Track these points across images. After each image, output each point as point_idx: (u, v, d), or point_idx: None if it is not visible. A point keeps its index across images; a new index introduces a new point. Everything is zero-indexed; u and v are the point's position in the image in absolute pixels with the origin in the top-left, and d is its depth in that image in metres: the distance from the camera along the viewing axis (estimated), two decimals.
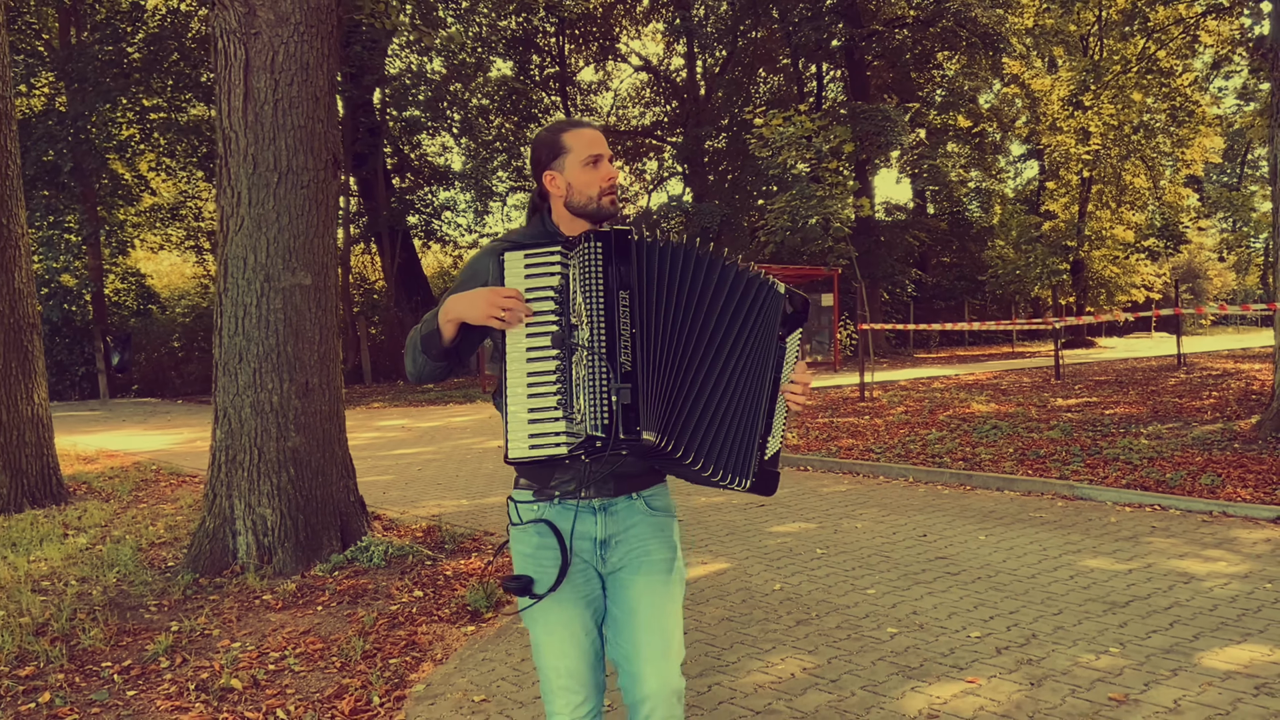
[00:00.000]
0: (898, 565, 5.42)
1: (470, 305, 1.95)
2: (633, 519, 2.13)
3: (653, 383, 1.92)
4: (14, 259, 8.12)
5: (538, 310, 1.93)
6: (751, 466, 2.03)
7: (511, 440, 1.91)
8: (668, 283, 1.96)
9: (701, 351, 1.99)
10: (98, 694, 3.93)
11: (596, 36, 33.73)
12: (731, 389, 2.01)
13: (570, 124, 2.18)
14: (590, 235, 1.93)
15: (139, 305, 26.32)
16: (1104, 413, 11.25)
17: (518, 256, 1.97)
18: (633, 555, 2.13)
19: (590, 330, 1.88)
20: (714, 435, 1.99)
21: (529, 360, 1.92)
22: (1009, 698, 3.50)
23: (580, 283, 1.91)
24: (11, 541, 6.77)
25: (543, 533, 2.09)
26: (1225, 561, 5.22)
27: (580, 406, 1.87)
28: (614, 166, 2.16)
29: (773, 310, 2.05)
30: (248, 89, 5.96)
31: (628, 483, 2.12)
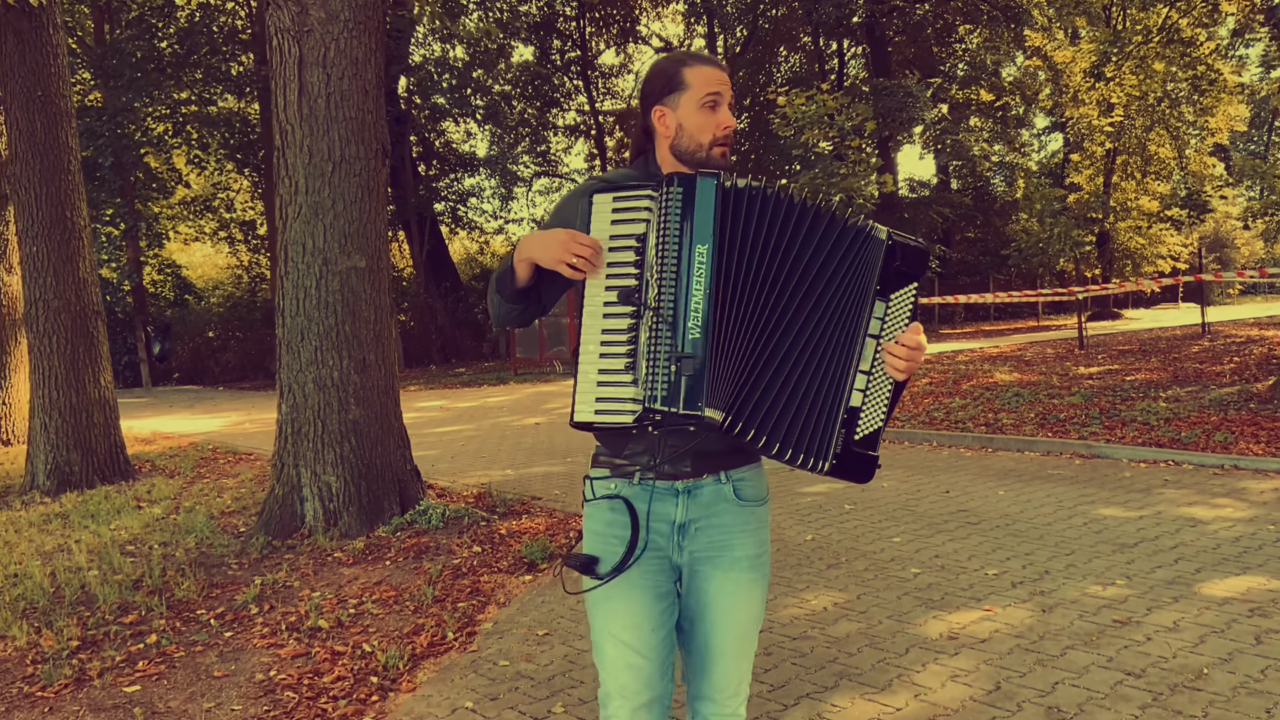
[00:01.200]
0: (921, 517, 5.79)
1: (544, 246, 1.78)
2: (718, 505, 1.92)
3: (724, 351, 1.71)
4: (78, 249, 8.60)
5: (620, 260, 1.75)
6: (831, 447, 1.76)
7: (579, 402, 1.75)
8: (754, 236, 1.73)
9: (782, 314, 1.76)
10: (199, 635, 4.38)
11: (617, 19, 33.95)
12: (810, 355, 1.76)
13: (692, 56, 1.93)
14: (673, 178, 1.72)
15: (175, 296, 27.00)
16: (1125, 379, 11.51)
17: (607, 199, 1.78)
18: (714, 548, 1.93)
19: (660, 289, 1.71)
20: (785, 410, 1.75)
21: (605, 316, 1.75)
22: (1022, 622, 3.87)
23: (659, 233, 1.72)
24: (90, 513, 7.26)
25: (616, 509, 1.90)
26: (1232, 508, 5.55)
27: (645, 374, 1.71)
28: (732, 114, 1.93)
29: (866, 262, 1.75)
30: (302, 84, 6.36)
31: (710, 461, 1.90)
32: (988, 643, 3.70)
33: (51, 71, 8.54)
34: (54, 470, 8.31)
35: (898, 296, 1.76)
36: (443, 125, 30.89)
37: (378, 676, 3.79)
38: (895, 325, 1.76)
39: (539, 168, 33.47)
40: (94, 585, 5.13)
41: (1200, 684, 3.21)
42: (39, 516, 7.25)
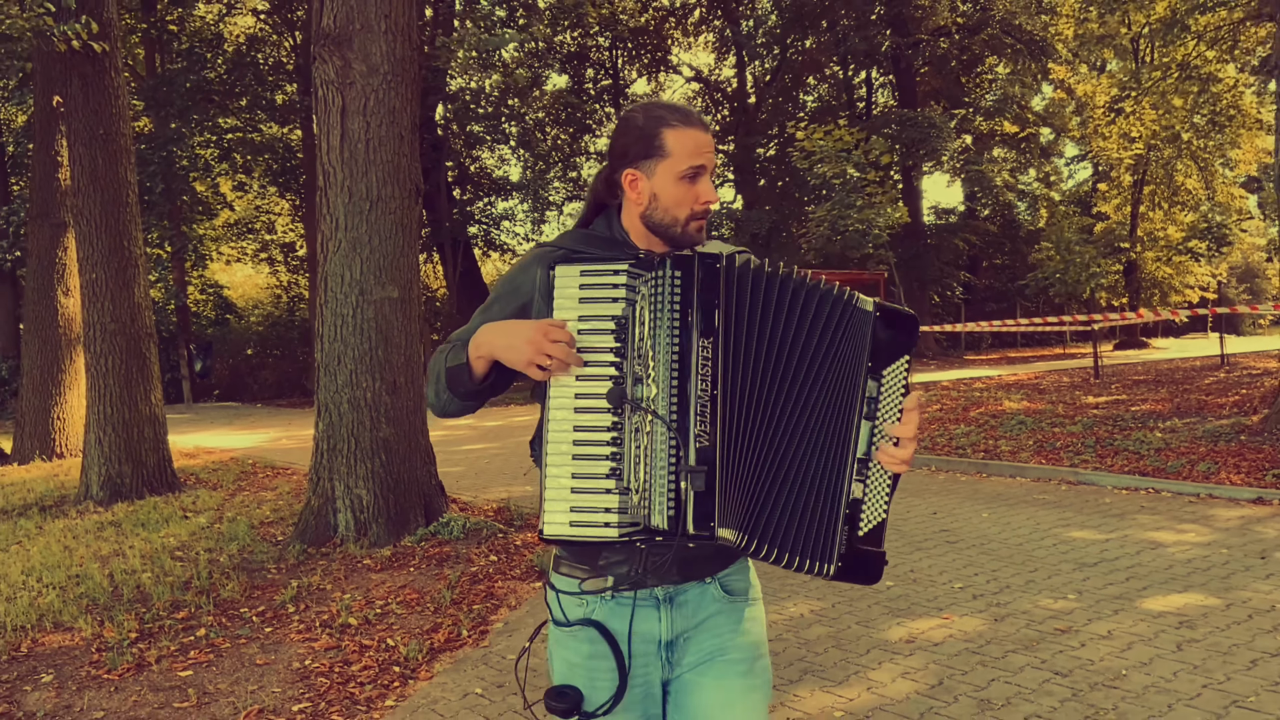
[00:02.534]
0: (905, 535, 6.23)
1: (508, 344, 1.57)
2: (706, 610, 1.72)
3: (735, 461, 1.53)
4: (134, 277, 9.27)
5: (594, 346, 1.54)
6: (835, 548, 1.58)
7: (548, 511, 1.53)
8: (758, 326, 1.56)
9: (786, 411, 1.58)
10: (242, 629, 4.92)
11: (649, 48, 34.70)
12: (804, 449, 1.58)
13: (675, 114, 1.69)
14: (669, 261, 1.54)
15: (217, 315, 27.92)
16: (1129, 409, 11.84)
17: (573, 273, 1.57)
18: (703, 654, 1.72)
19: (659, 389, 1.52)
20: (786, 513, 1.57)
21: (578, 411, 1.54)
22: (974, 629, 4.32)
23: (650, 322, 1.53)
24: (141, 521, 7.87)
25: (594, 639, 1.68)
26: (1195, 533, 5.94)
27: (639, 485, 1.51)
28: (713, 184, 1.71)
29: (854, 338, 1.59)
30: (344, 130, 6.96)
31: (698, 566, 1.71)
32: (940, 646, 4.15)
33: (112, 111, 9.25)
34: (107, 481, 8.94)
35: (890, 372, 1.60)
36: (478, 151, 31.72)
37: (400, 666, 4.31)
38: (890, 404, 1.60)
39: (570, 192, 34.19)
40: (148, 585, 5.70)
41: (1117, 683, 3.65)
42: (94, 524, 7.86)
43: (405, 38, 7.14)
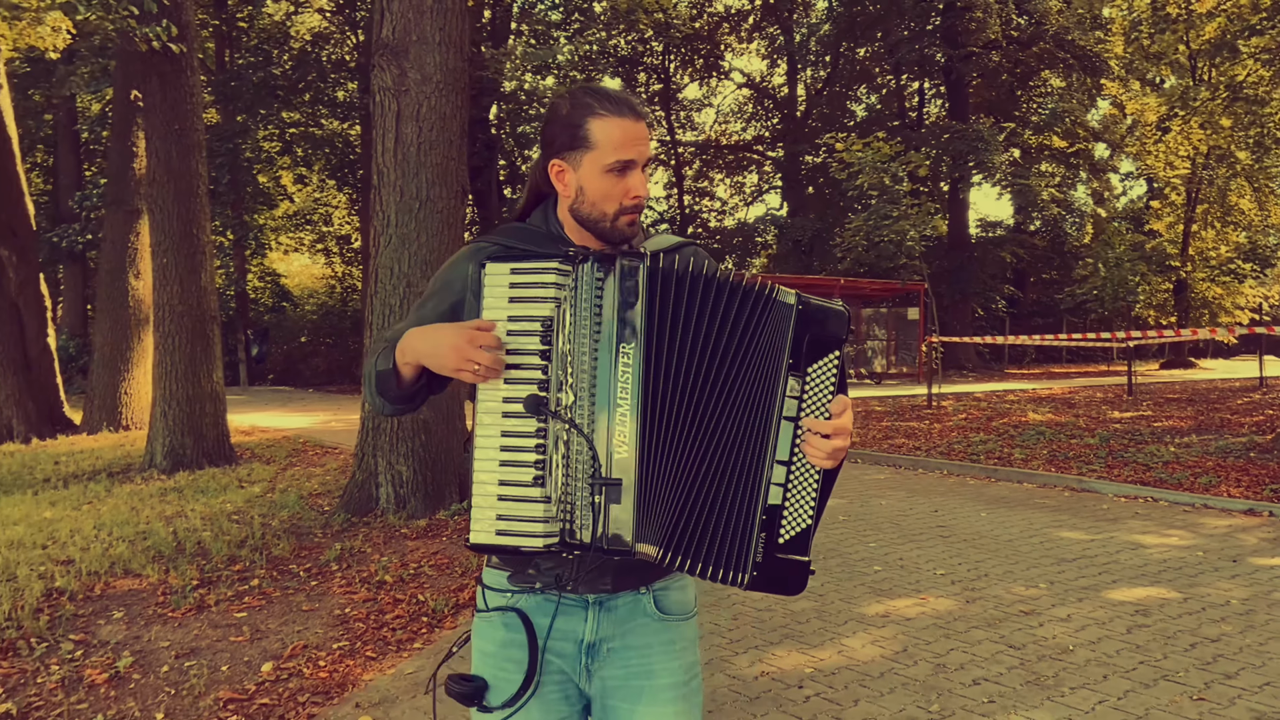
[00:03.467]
0: (902, 530, 6.64)
1: (434, 349, 1.52)
2: (634, 621, 1.66)
3: (656, 473, 1.48)
4: (201, 263, 9.95)
5: (522, 348, 1.50)
6: (750, 556, 1.50)
7: (476, 519, 1.51)
8: (681, 330, 1.49)
9: (707, 417, 1.51)
10: (291, 582, 5.49)
11: (702, 54, 35.18)
12: (722, 454, 1.51)
13: (604, 100, 1.60)
14: (591, 259, 1.49)
15: (274, 302, 28.89)
16: (1151, 425, 12.06)
17: (503, 271, 1.52)
18: (630, 675, 1.64)
19: (577, 396, 1.48)
20: (701, 521, 1.50)
21: (505, 416, 1.50)
22: (945, 608, 4.74)
23: (573, 325, 1.49)
24: (200, 489, 8.52)
25: (511, 625, 1.63)
26: (1178, 538, 6.28)
27: (559, 495, 1.47)
28: (645, 176, 1.64)
29: (773, 333, 1.51)
30: (398, 135, 7.53)
31: (632, 576, 1.65)
32: (911, 621, 4.58)
33: (187, 108, 9.94)
34: (170, 452, 9.63)
35: (816, 369, 1.51)
36: (529, 151, 32.42)
37: (428, 617, 4.83)
38: (816, 403, 1.51)
39: None
40: (208, 542, 6.30)
41: (1063, 657, 4.06)
42: (157, 490, 8.52)
43: (458, 49, 7.69)
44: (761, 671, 3.99)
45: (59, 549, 6.14)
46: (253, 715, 3.72)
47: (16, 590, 5.16)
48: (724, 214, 38.08)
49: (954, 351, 28.99)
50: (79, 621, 4.80)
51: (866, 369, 25.48)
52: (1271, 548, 5.97)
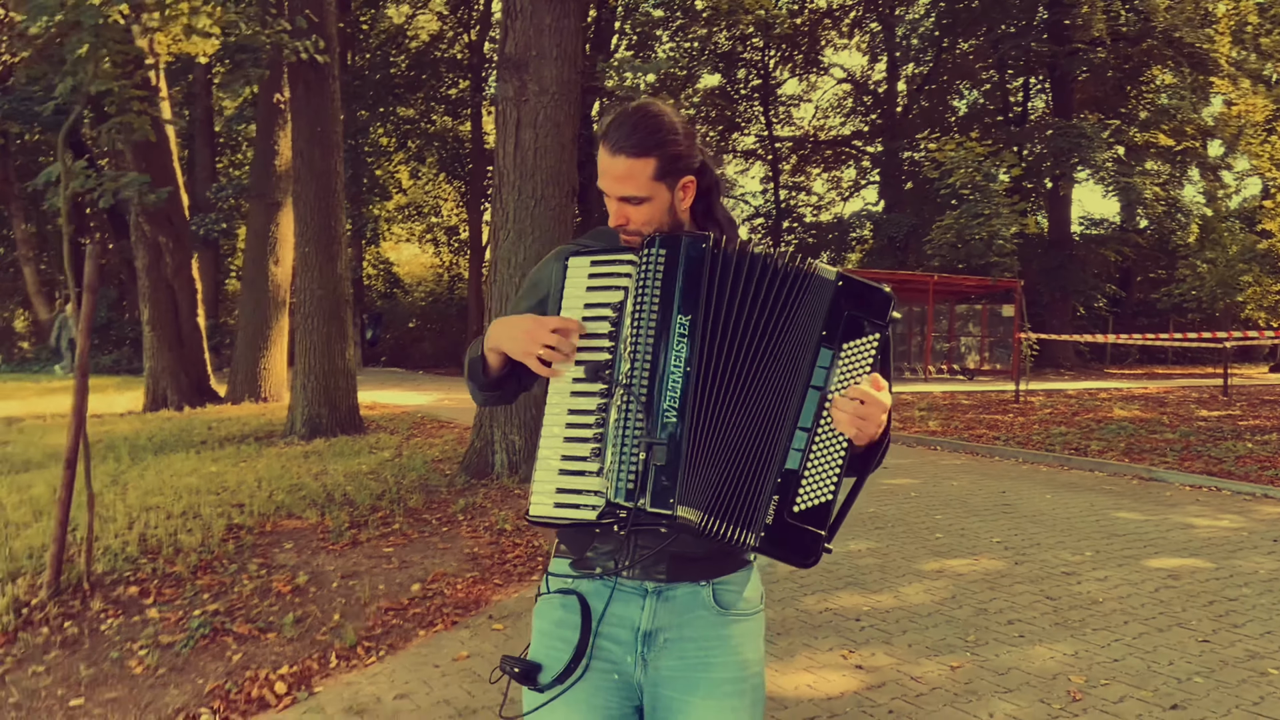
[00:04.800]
0: (968, 506, 7.24)
1: (510, 335, 1.62)
2: (694, 613, 1.65)
3: (702, 438, 1.52)
4: (337, 252, 11.06)
5: (594, 333, 1.59)
6: (759, 517, 1.53)
7: (536, 493, 1.56)
8: (730, 303, 1.56)
9: (751, 386, 1.56)
10: (425, 528, 6.42)
11: (802, 49, 35.49)
12: (754, 419, 1.55)
13: (607, 135, 1.65)
14: (657, 239, 1.58)
15: (386, 289, 30.48)
16: (1237, 423, 12.23)
17: (583, 264, 1.63)
18: (686, 667, 1.63)
19: (631, 363, 1.54)
20: (728, 481, 1.53)
21: (573, 394, 1.58)
22: (995, 568, 5.37)
23: (635, 300, 1.56)
24: (337, 452, 9.59)
25: (568, 606, 1.66)
26: (1229, 521, 6.73)
27: (609, 462, 1.52)
28: (628, 208, 1.65)
29: (811, 306, 1.56)
30: (517, 140, 8.41)
31: (690, 567, 1.65)
32: (963, 576, 5.23)
33: (329, 112, 11.05)
34: (308, 420, 10.76)
35: (852, 346, 1.54)
36: None
37: (542, 557, 5.68)
38: (849, 377, 1.54)
39: None
40: (352, 494, 7.30)
41: (1092, 607, 4.67)
42: (299, 453, 9.62)
43: (572, 63, 8.53)
44: (825, 608, 4.71)
45: (230, 495, 7.21)
46: (409, 620, 4.61)
47: (204, 525, 6.20)
48: (820, 209, 38.36)
49: (1051, 350, 28.80)
50: (258, 550, 5.80)
51: (960, 365, 25.62)
52: None
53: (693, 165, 1.67)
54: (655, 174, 1.62)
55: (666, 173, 1.64)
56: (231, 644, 4.25)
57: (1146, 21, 26.08)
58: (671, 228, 1.67)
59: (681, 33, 30.71)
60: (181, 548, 5.61)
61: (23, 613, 4.57)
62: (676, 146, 1.64)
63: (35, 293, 27.63)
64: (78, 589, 4.90)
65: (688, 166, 1.66)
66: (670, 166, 1.64)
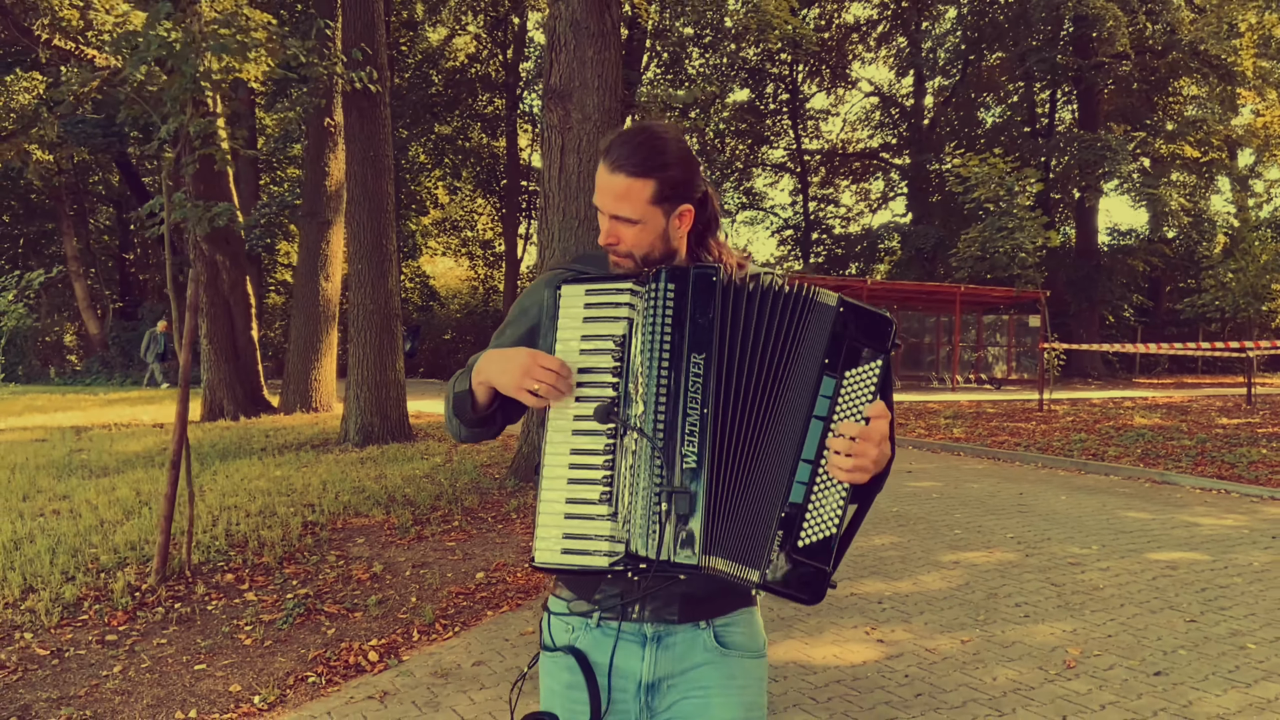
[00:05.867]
0: (986, 506, 7.71)
1: (501, 369, 1.56)
2: (694, 658, 1.64)
3: (723, 485, 1.48)
4: (388, 269, 11.70)
5: (595, 366, 1.52)
6: (765, 553, 1.48)
7: (541, 538, 1.51)
8: (743, 339, 1.51)
9: (765, 424, 1.52)
10: (481, 525, 7.00)
11: (829, 64, 36.00)
12: (766, 454, 1.51)
13: (608, 152, 1.61)
14: (664, 274, 1.52)
15: (423, 302, 31.23)
16: (1257, 430, 12.57)
17: (578, 293, 1.56)
18: (687, 710, 1.63)
19: (645, 406, 1.48)
20: (738, 519, 1.50)
21: (575, 434, 1.52)
22: (1008, 559, 5.86)
23: (644, 338, 1.50)
24: (390, 458, 10.20)
25: (573, 669, 1.64)
26: (1233, 520, 7.16)
27: (625, 509, 1.47)
28: (621, 227, 1.61)
29: (812, 333, 1.52)
30: (562, 165, 9.00)
31: (699, 607, 1.63)
32: (977, 566, 5.72)
33: (380, 137, 11.71)
34: (361, 429, 11.39)
35: (855, 374, 1.52)
36: None
37: None
38: (851, 406, 1.51)
39: (745, 201, 35.92)
40: (412, 495, 7.89)
41: (1093, 592, 5.15)
42: (355, 459, 10.24)
43: (612, 92, 9.12)
44: (850, 593, 5.23)
45: (299, 496, 7.82)
46: (477, 602, 5.18)
47: (282, 522, 6.81)
48: (849, 220, 38.79)
49: (1079, 359, 29.05)
50: (333, 544, 6.40)
51: (987, 374, 25.94)
52: None
53: (693, 195, 1.64)
54: (653, 198, 1.59)
55: (665, 198, 1.60)
56: (325, 621, 4.84)
57: (1172, 34, 26.34)
58: (663, 254, 1.63)
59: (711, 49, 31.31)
60: (265, 542, 6.21)
61: (135, 596, 5.18)
62: (678, 172, 1.60)
63: (85, 308, 28.63)
64: (181, 576, 5.51)
65: (687, 195, 1.63)
66: (669, 192, 1.60)
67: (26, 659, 4.32)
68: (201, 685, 4.07)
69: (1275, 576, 5.50)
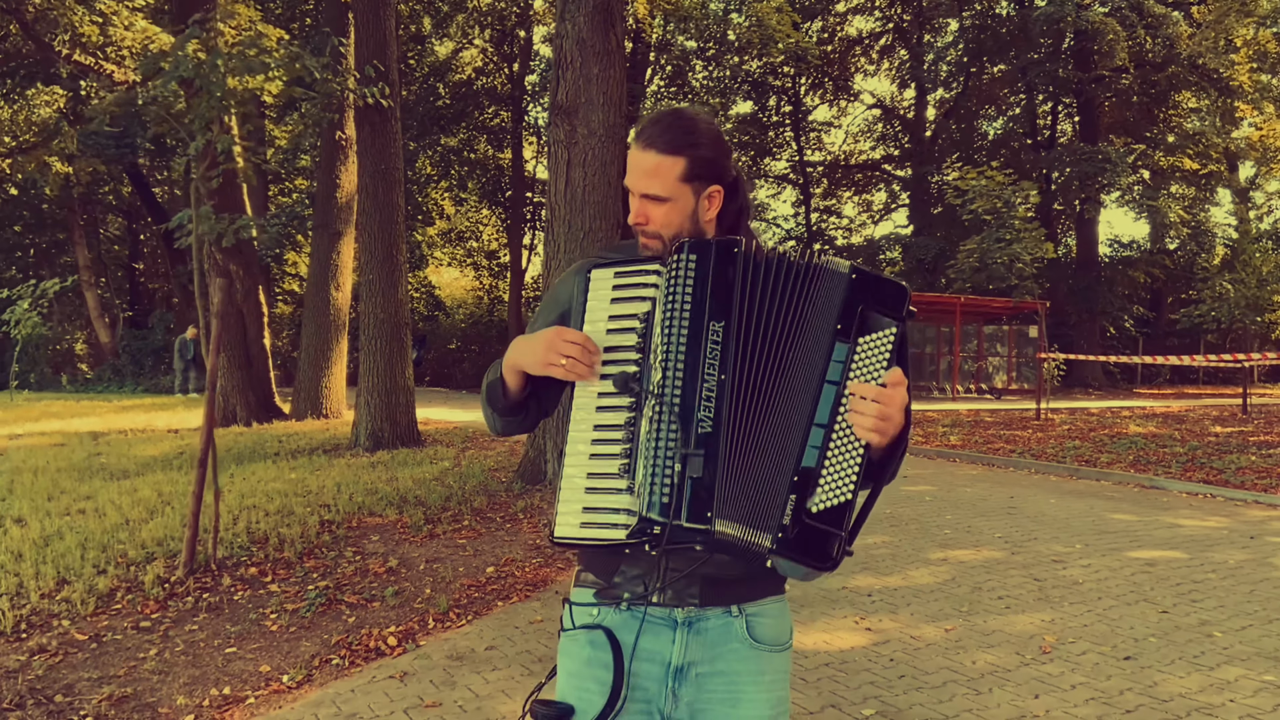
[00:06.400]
0: (977, 509, 7.99)
1: (529, 349, 1.59)
2: (726, 646, 1.62)
3: (738, 448, 1.47)
4: (398, 279, 12.01)
5: (620, 345, 1.55)
6: (778, 517, 1.46)
7: (561, 513, 1.51)
8: (759, 307, 1.51)
9: (778, 390, 1.51)
10: (490, 525, 7.29)
11: (832, 76, 36.36)
12: (778, 419, 1.50)
13: (640, 132, 1.65)
14: (686, 245, 1.53)
15: (429, 311, 31.58)
16: (1249, 439, 12.82)
17: (606, 275, 1.60)
18: (715, 701, 1.62)
19: (664, 373, 1.49)
20: (751, 482, 1.48)
21: (599, 409, 1.54)
22: (993, 556, 6.14)
23: (665, 309, 1.52)
24: (400, 463, 10.49)
25: (596, 643, 1.61)
26: (1214, 522, 7.42)
27: (641, 479, 1.47)
28: (650, 206, 1.63)
29: (825, 299, 1.52)
30: (568, 179, 9.31)
31: (722, 590, 1.62)
32: (964, 563, 6.00)
33: (391, 151, 12.03)
34: (371, 434, 11.69)
35: (868, 341, 1.50)
36: None
37: None
38: (865, 372, 1.49)
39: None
40: (423, 496, 8.18)
41: (1072, 586, 5.42)
42: (366, 463, 10.54)
43: (617, 109, 9.44)
44: (842, 586, 5.51)
45: (315, 497, 8.12)
46: (488, 594, 5.47)
47: (300, 521, 7.10)
48: (851, 231, 39.11)
49: (1080, 369, 29.28)
50: (350, 541, 6.69)
51: (987, 384, 26.19)
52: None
53: (724, 177, 1.66)
54: (683, 175, 1.61)
55: (695, 176, 1.62)
56: (345, 610, 5.13)
57: (1171, 48, 26.66)
58: (692, 235, 1.63)
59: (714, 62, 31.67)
60: (285, 539, 6.51)
61: (165, 587, 5.47)
62: (708, 151, 1.63)
63: (96, 316, 29.00)
64: (207, 569, 5.80)
65: (717, 175, 1.65)
66: (699, 170, 1.62)
67: (66, 643, 4.61)
68: (233, 666, 4.36)
69: (1248, 573, 5.77)
